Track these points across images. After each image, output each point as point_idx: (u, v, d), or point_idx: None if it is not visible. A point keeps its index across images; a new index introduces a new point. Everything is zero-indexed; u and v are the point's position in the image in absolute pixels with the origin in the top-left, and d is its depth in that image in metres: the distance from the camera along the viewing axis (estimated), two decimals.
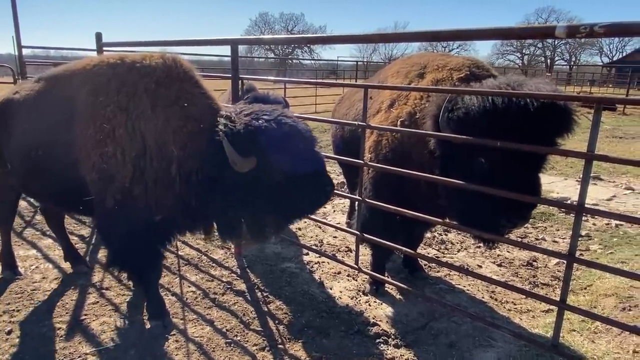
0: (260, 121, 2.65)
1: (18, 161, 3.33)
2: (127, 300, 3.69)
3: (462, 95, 2.64)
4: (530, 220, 5.80)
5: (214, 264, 4.42)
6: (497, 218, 2.64)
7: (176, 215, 3.00)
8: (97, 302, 3.64)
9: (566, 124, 2.47)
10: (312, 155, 2.81)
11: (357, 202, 3.61)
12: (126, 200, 2.86)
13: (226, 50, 4.32)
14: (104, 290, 3.82)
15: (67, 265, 4.18)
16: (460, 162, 2.73)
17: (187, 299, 3.75)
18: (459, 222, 3.02)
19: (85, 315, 3.45)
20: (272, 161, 2.63)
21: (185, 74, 3.00)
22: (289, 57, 63.91)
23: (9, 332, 3.19)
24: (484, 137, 2.49)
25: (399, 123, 3.25)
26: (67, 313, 3.47)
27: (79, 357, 2.98)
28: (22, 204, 5.61)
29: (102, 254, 4.52)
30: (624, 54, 62.32)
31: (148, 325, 3.33)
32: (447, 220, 3.23)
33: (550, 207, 6.10)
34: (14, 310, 3.47)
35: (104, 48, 5.72)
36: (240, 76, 4.16)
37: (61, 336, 3.18)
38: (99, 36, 5.67)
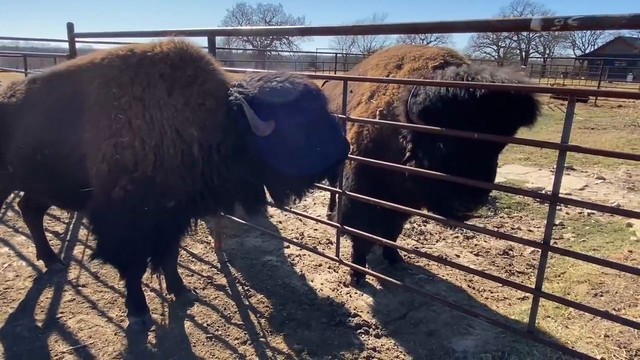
0: (274, 83, 2.67)
1: (21, 163, 3.23)
2: (104, 297, 3.62)
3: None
4: (506, 210, 5.95)
5: (193, 259, 4.38)
6: (451, 201, 2.76)
7: (197, 197, 2.94)
8: (74, 299, 3.57)
9: (523, 111, 2.53)
10: (325, 112, 2.84)
11: (337, 194, 3.62)
12: (138, 190, 2.80)
13: (203, 41, 4.24)
14: (80, 288, 3.74)
15: (41, 263, 4.08)
16: (425, 147, 2.85)
17: (166, 294, 3.70)
18: (424, 206, 3.09)
19: (62, 313, 3.38)
20: (291, 121, 2.64)
21: (197, 53, 3.00)
22: (268, 48, 63.28)
23: None
24: (442, 123, 2.59)
25: (377, 113, 3.31)
26: (42, 311, 3.39)
27: (55, 356, 2.92)
28: None
29: (77, 251, 4.42)
30: (596, 47, 63.92)
31: (127, 322, 3.28)
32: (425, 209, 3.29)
33: (526, 197, 6.24)
34: None
35: (76, 39, 5.55)
36: None
37: (36, 335, 3.11)
38: (70, 27, 5.50)
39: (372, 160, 3.26)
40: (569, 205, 6.06)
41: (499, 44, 70.32)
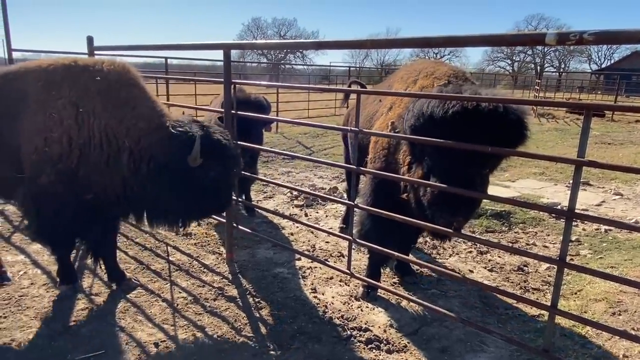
0: (218, 135, 3.38)
1: None
2: (116, 305, 3.64)
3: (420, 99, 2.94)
4: (521, 225, 5.86)
5: (205, 270, 4.39)
6: (433, 212, 2.87)
7: (116, 196, 3.42)
8: (86, 307, 3.59)
9: (504, 129, 2.59)
10: (233, 177, 3.70)
11: (350, 199, 3.67)
12: (61, 179, 3.30)
13: (218, 54, 4.35)
14: (93, 296, 3.77)
15: (55, 269, 4.12)
16: (418, 160, 3.03)
17: (177, 304, 3.71)
18: (419, 217, 3.16)
19: (74, 321, 3.40)
20: (212, 167, 3.33)
21: (134, 80, 3.49)
22: (282, 62, 63.98)
23: None
24: (426, 136, 2.76)
25: (389, 125, 3.36)
26: (55, 319, 3.42)
27: None
28: (11, 208, 5.53)
29: (90, 260, 4.46)
30: (612, 62, 63.26)
31: (58, 292, 3.77)
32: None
33: (541, 213, 6.15)
34: (0, 316, 3.41)
35: (96, 52, 5.68)
36: (233, 81, 4.15)
37: (49, 343, 3.13)
38: (90, 40, 5.64)
39: (374, 170, 3.47)
40: (586, 222, 5.96)
41: (514, 58, 70.11)
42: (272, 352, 3.14)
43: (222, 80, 4.14)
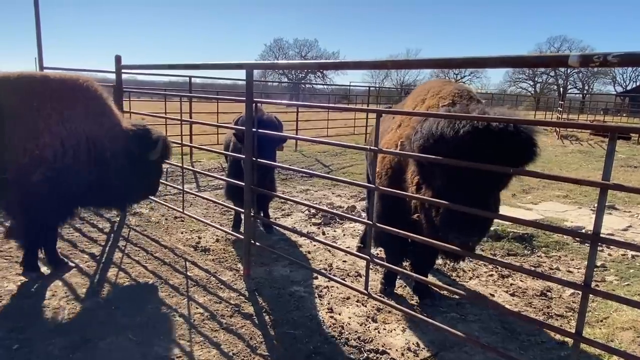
0: (166, 140, 4.60)
1: None
2: (134, 320, 3.67)
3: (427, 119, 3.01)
4: (544, 248, 5.73)
5: (222, 286, 4.40)
6: (445, 233, 2.87)
7: (101, 185, 4.11)
8: (105, 321, 3.63)
9: (513, 147, 2.60)
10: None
11: (370, 219, 3.66)
12: (56, 176, 3.79)
13: (241, 74, 4.49)
14: (112, 309, 3.81)
15: (76, 282, 4.20)
16: (427, 181, 3.05)
17: (194, 320, 3.72)
18: (430, 236, 3.15)
19: (93, 334, 3.43)
20: (160, 161, 4.67)
21: (104, 94, 4.24)
22: (302, 81, 64.81)
23: (17, 349, 3.18)
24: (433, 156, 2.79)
25: (398, 143, 3.39)
26: (74, 331, 3.45)
27: None
28: None
29: (111, 273, 4.53)
30: (638, 83, 62.10)
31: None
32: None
33: (565, 236, 6.00)
34: (22, 326, 3.47)
35: (123, 70, 5.87)
36: (255, 100, 4.22)
37: (67, 355, 3.16)
38: (118, 59, 5.84)
39: (396, 191, 3.41)
40: (612, 247, 5.78)
41: (536, 79, 69.46)
42: None
43: (244, 99, 4.22)
